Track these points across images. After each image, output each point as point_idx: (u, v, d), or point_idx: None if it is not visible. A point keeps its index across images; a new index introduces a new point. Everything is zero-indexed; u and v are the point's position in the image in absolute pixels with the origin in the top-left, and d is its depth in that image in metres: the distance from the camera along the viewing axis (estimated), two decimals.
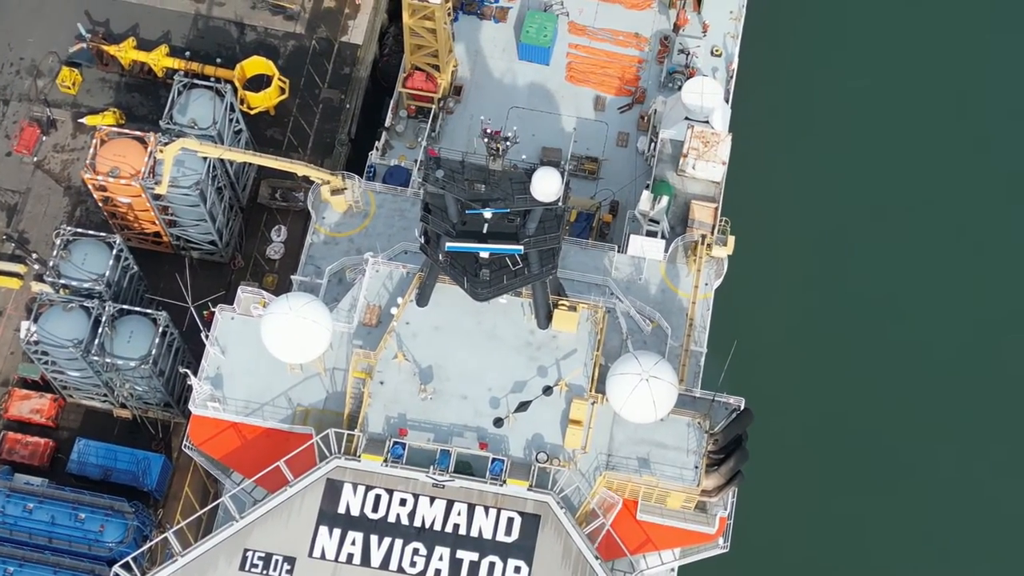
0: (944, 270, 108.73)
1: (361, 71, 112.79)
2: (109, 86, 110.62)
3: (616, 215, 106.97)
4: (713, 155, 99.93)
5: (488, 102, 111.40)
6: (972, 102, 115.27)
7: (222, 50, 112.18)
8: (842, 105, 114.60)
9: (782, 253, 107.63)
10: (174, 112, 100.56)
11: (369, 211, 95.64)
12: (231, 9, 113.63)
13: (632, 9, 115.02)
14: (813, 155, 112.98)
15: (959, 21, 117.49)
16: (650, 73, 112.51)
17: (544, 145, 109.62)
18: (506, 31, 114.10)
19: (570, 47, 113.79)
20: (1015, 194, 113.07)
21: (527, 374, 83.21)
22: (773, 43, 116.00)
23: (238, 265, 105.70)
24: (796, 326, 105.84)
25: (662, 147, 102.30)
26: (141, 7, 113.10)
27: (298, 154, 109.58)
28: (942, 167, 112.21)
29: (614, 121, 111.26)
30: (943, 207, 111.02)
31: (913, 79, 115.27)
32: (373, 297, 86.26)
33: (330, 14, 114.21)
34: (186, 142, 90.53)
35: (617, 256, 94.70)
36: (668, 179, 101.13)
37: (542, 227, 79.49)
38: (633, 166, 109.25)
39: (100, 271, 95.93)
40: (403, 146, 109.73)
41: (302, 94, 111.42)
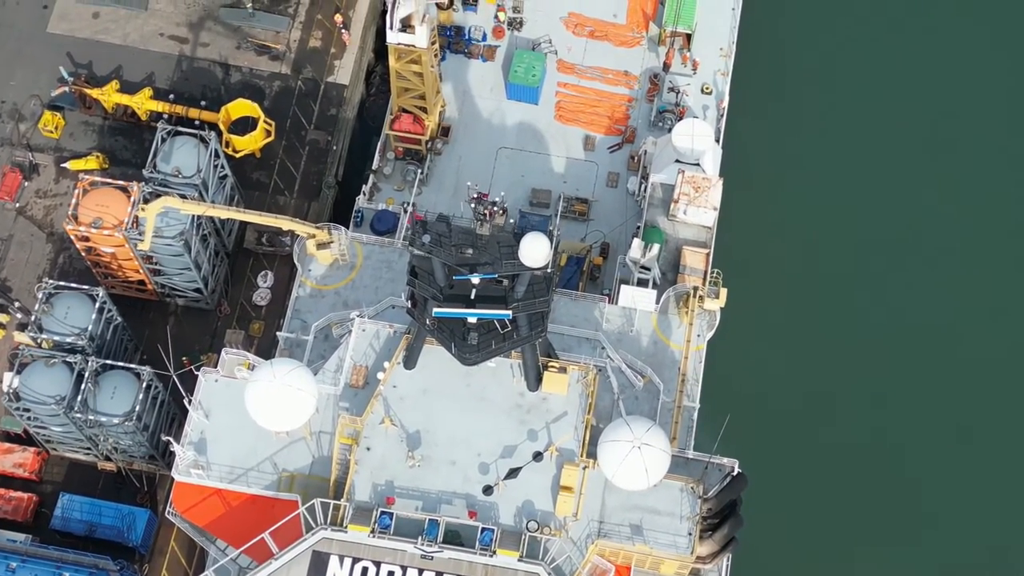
0: (944, 315, 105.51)
1: (348, 112, 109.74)
2: (92, 130, 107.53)
3: (607, 257, 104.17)
4: (704, 200, 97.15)
5: (477, 143, 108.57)
6: (965, 140, 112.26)
7: (207, 91, 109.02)
8: (834, 142, 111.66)
9: (776, 297, 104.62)
10: (157, 160, 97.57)
11: (356, 263, 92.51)
12: (215, 50, 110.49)
13: (621, 47, 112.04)
14: (806, 194, 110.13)
15: (950, 59, 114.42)
16: (640, 112, 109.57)
17: (534, 186, 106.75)
18: (494, 70, 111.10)
19: (559, 85, 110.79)
20: (1011, 230, 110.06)
21: (517, 438, 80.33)
22: (764, 80, 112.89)
23: (224, 312, 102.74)
24: (791, 375, 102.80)
25: (652, 191, 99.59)
26: (124, 49, 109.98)
27: (285, 197, 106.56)
28: (938, 206, 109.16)
29: (604, 161, 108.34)
30: (941, 249, 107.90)
31: (907, 116, 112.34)
32: (360, 358, 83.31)
33: (316, 54, 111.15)
34: (168, 200, 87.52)
35: (608, 307, 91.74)
36: (659, 224, 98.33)
37: (531, 290, 76.59)
38: (624, 207, 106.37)
39: (83, 325, 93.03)
40: (391, 188, 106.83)
41: (288, 136, 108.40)
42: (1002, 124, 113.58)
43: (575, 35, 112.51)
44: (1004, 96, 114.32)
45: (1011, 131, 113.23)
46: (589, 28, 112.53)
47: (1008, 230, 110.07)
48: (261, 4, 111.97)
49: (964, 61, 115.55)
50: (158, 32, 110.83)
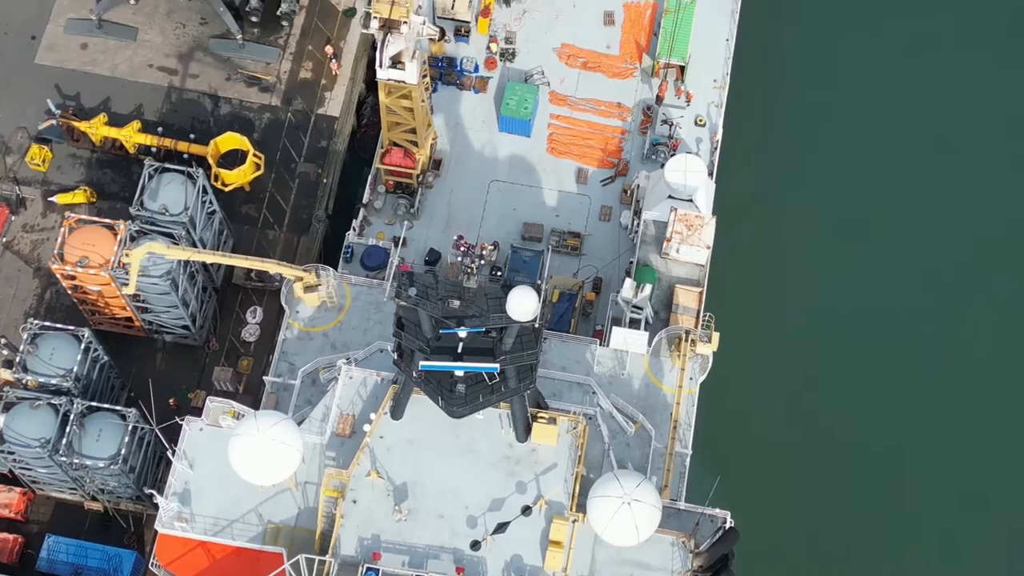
0: (947, 365, 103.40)
1: (338, 144, 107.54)
2: (80, 163, 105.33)
3: (599, 292, 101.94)
4: (697, 239, 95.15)
5: (468, 176, 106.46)
6: (963, 173, 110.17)
7: (196, 124, 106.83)
8: (830, 175, 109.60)
9: (771, 336, 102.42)
10: (144, 198, 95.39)
11: (344, 304, 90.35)
12: (205, 81, 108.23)
13: (614, 78, 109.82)
14: (801, 229, 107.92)
15: (946, 97, 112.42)
16: (633, 144, 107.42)
17: (525, 220, 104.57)
18: (486, 102, 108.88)
19: (551, 117, 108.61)
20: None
21: (505, 490, 78.29)
22: (758, 111, 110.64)
23: (212, 348, 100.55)
24: (785, 416, 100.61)
25: (645, 228, 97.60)
26: (113, 80, 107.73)
27: (274, 231, 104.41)
28: (938, 246, 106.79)
29: (596, 194, 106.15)
30: (942, 295, 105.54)
31: (904, 149, 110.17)
32: (346, 406, 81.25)
33: (306, 85, 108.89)
34: (153, 246, 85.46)
35: (600, 349, 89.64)
36: (651, 262, 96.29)
37: (519, 342, 74.55)
38: (617, 241, 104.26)
39: (68, 366, 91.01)
40: (382, 222, 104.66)
41: (278, 168, 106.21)
42: (1000, 137, 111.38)
43: (568, 66, 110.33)
44: (1002, 114, 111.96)
45: (1005, 146, 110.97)
46: (582, 59, 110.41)
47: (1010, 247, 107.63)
48: (251, 35, 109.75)
49: (963, 93, 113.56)
50: (147, 63, 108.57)
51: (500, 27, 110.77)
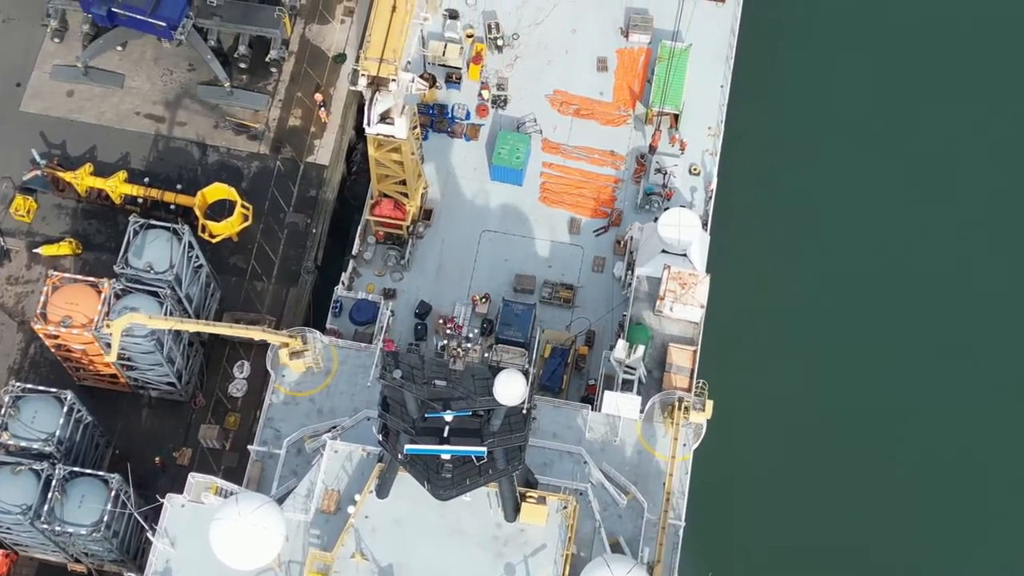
0: (950, 402, 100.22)
1: (328, 193, 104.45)
2: (65, 213, 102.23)
3: (592, 346, 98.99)
4: (691, 298, 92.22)
5: (460, 226, 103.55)
6: (959, 206, 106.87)
7: (183, 172, 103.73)
8: (827, 228, 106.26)
9: (766, 395, 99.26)
10: (129, 255, 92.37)
11: (332, 367, 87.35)
12: (192, 129, 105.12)
13: (607, 125, 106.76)
14: (798, 281, 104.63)
15: (938, 134, 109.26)
16: (627, 193, 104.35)
17: (517, 271, 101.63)
18: (478, 149, 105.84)
19: (544, 166, 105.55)
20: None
21: (494, 572, 75.55)
22: (753, 159, 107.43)
23: (199, 404, 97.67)
24: (781, 483, 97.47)
25: (638, 284, 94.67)
26: (99, 128, 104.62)
27: (262, 283, 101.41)
28: (944, 302, 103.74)
29: (590, 245, 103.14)
30: (949, 353, 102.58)
31: (909, 195, 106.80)
32: (332, 481, 78.30)
33: (295, 133, 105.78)
34: (135, 317, 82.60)
35: (591, 415, 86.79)
36: (644, 319, 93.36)
37: (507, 423, 71.65)
38: (610, 293, 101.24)
39: (50, 430, 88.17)
40: (371, 274, 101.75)
41: (266, 218, 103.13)
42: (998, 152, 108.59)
43: (560, 113, 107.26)
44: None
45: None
46: (575, 106, 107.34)
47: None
48: (240, 81, 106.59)
49: (971, 138, 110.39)
50: (134, 111, 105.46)
51: (492, 73, 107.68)
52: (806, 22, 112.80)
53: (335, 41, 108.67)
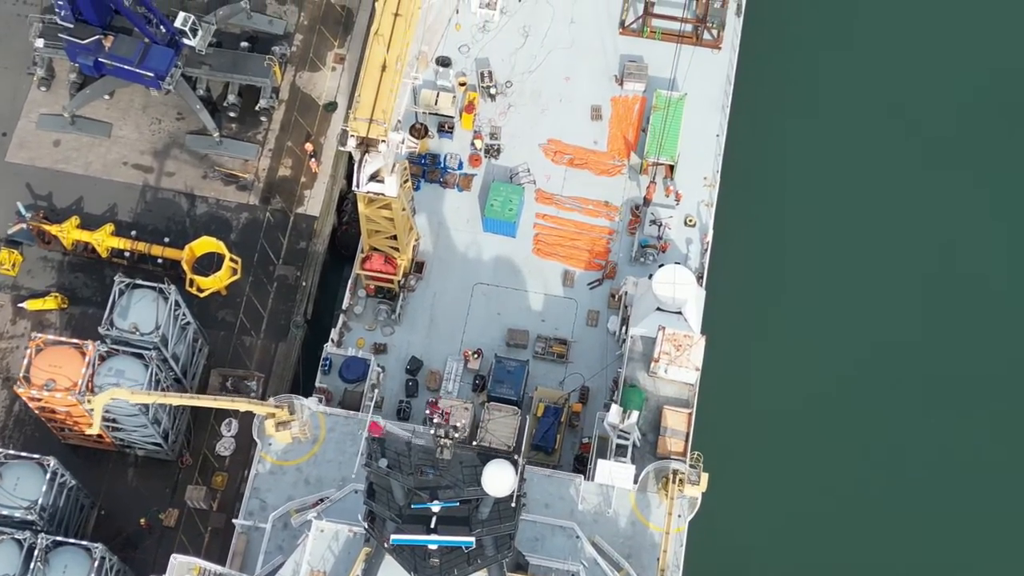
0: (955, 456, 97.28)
1: (318, 245, 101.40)
2: (51, 266, 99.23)
3: (586, 403, 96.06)
4: (686, 360, 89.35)
5: (452, 278, 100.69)
6: (973, 266, 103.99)
7: (171, 224, 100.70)
8: (824, 283, 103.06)
9: (763, 461, 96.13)
10: (114, 316, 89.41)
11: (319, 435, 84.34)
12: (181, 180, 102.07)
13: (602, 175, 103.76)
14: (794, 335, 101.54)
15: (941, 183, 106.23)
16: (621, 245, 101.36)
17: (510, 326, 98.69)
18: (471, 200, 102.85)
19: (537, 217, 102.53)
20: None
21: None
22: (749, 210, 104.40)
23: (186, 463, 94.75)
24: (778, 552, 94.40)
25: (632, 344, 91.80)
26: (86, 179, 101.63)
27: (251, 337, 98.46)
28: (946, 365, 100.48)
29: (583, 298, 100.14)
30: (949, 430, 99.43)
31: (909, 252, 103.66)
32: (317, 562, 75.45)
33: (285, 183, 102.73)
34: (117, 392, 79.78)
35: (584, 484, 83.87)
36: (639, 380, 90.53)
37: (496, 511, 68.78)
38: (604, 348, 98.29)
39: (33, 497, 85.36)
40: (362, 328, 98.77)
41: (255, 271, 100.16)
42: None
43: (554, 163, 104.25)
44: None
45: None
46: (568, 156, 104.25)
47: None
48: (229, 130, 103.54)
49: (962, 182, 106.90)
50: (121, 161, 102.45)
51: (485, 122, 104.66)
52: (803, 68, 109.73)
53: (326, 88, 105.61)
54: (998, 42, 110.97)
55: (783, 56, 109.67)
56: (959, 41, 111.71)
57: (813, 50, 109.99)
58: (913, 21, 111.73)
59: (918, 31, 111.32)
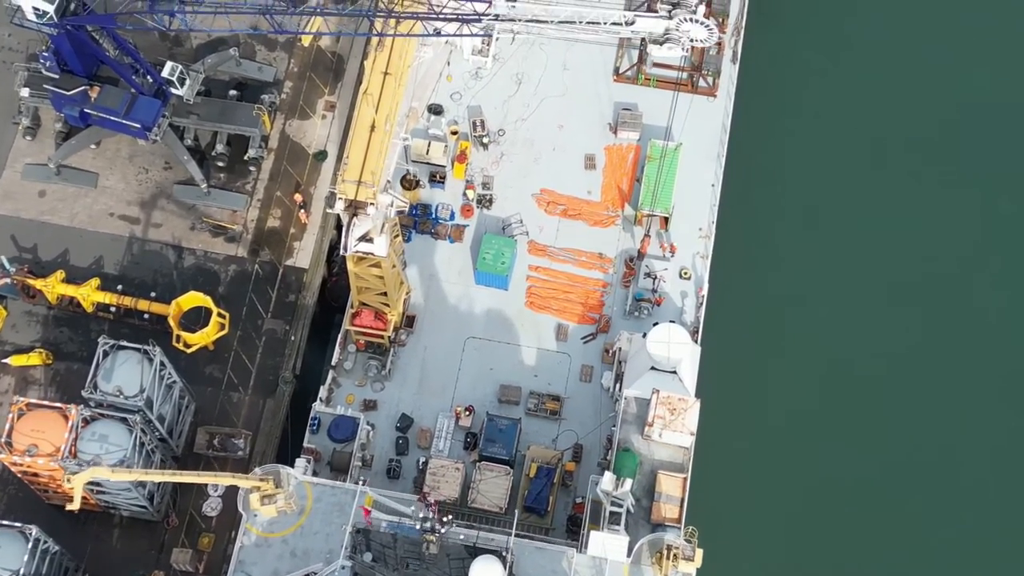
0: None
1: (307, 298, 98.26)
2: (36, 320, 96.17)
3: (580, 461, 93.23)
4: (681, 424, 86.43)
5: (443, 333, 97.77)
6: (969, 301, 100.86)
7: (158, 277, 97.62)
8: (822, 338, 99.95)
9: (762, 535, 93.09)
10: (98, 379, 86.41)
11: (305, 506, 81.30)
12: (168, 231, 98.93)
13: (596, 227, 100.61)
14: (791, 392, 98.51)
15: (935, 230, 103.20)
16: (615, 298, 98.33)
17: (502, 382, 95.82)
18: (462, 251, 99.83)
19: (530, 269, 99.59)
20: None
21: None
22: (745, 263, 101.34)
23: (172, 524, 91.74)
24: None
25: (626, 406, 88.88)
26: (72, 230, 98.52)
27: (239, 394, 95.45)
28: (947, 425, 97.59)
29: (577, 352, 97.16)
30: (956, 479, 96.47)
31: (908, 304, 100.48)
32: None
33: (274, 235, 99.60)
34: (98, 471, 76.99)
35: (577, 556, 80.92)
36: (632, 443, 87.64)
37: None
38: (598, 404, 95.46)
39: (14, 567, 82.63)
40: (352, 384, 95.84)
41: (243, 325, 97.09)
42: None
43: (547, 213, 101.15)
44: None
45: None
46: (562, 206, 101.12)
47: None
48: (217, 180, 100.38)
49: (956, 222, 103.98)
50: (108, 212, 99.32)
51: (477, 171, 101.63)
52: (799, 115, 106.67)
53: (316, 137, 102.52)
54: (994, 77, 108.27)
55: (779, 103, 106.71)
56: (954, 82, 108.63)
57: (809, 97, 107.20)
58: (909, 65, 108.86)
59: (914, 75, 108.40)
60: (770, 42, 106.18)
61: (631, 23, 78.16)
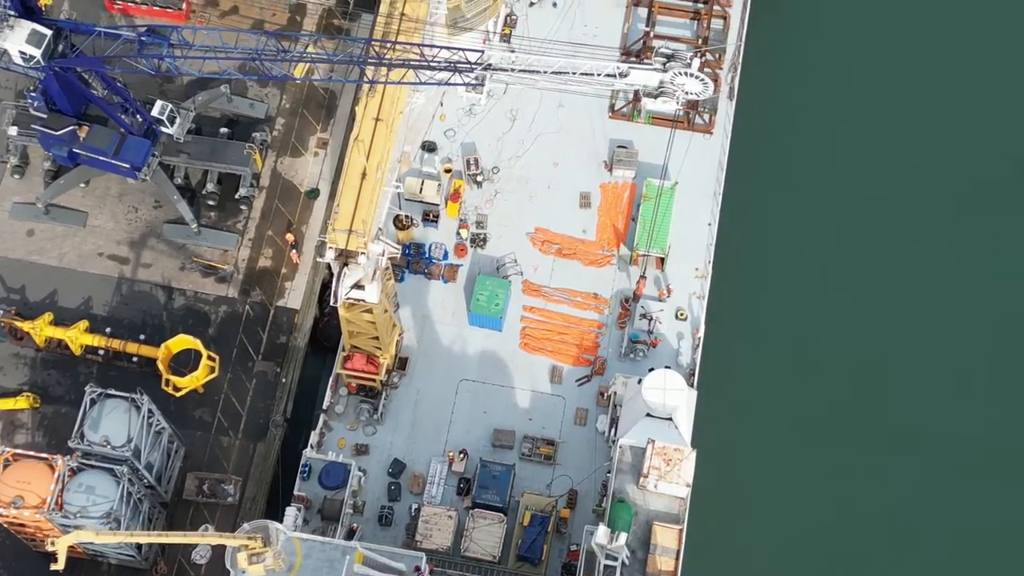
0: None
1: (299, 340, 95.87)
2: (23, 363, 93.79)
3: (575, 507, 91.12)
4: (676, 475, 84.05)
5: (436, 375, 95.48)
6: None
7: (148, 318, 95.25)
8: (819, 379, 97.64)
9: None
10: (85, 428, 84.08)
11: (295, 563, 78.80)
12: (158, 271, 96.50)
13: (591, 266, 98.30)
14: (789, 437, 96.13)
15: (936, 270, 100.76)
16: (610, 340, 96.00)
17: (496, 426, 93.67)
18: (456, 292, 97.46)
19: (524, 309, 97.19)
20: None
21: None
22: (741, 304, 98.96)
23: (160, 572, 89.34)
24: None
25: (621, 455, 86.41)
26: (60, 271, 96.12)
27: (228, 438, 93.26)
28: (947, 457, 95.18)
29: (572, 395, 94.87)
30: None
31: (898, 348, 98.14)
32: None
33: (265, 275, 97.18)
34: (82, 534, 74.38)
35: None
36: (628, 493, 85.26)
37: None
38: (593, 449, 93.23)
39: None
40: (343, 427, 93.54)
41: (234, 368, 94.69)
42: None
43: (542, 252, 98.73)
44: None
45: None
46: (557, 245, 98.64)
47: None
48: (208, 219, 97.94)
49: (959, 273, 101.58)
50: (97, 251, 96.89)
51: (471, 210, 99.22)
52: (797, 152, 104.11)
53: (308, 174, 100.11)
54: (998, 109, 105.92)
55: (776, 140, 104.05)
56: (953, 125, 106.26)
57: (807, 134, 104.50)
58: (909, 101, 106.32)
59: (914, 113, 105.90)
60: (767, 79, 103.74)
61: (625, 75, 75.67)
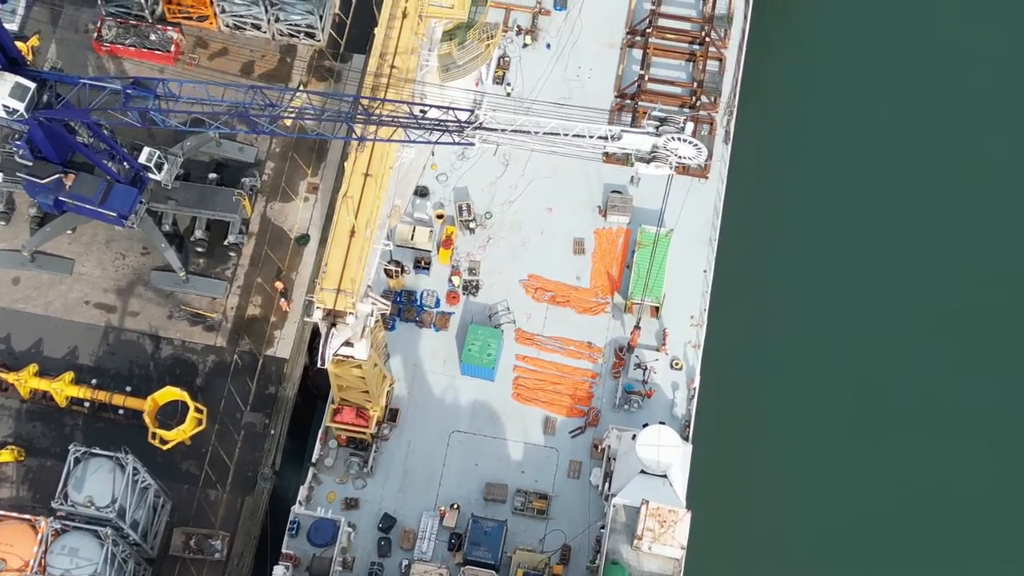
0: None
1: (288, 390, 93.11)
2: (8, 415, 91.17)
3: (568, 563, 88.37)
4: (670, 537, 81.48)
5: (427, 426, 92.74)
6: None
7: (134, 368, 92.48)
8: (817, 429, 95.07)
9: None
10: (69, 488, 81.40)
11: None
12: (145, 320, 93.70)
13: (585, 314, 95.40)
14: (785, 493, 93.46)
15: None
16: (604, 390, 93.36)
17: (488, 479, 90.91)
18: (448, 340, 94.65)
19: (517, 358, 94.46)
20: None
21: None
22: (737, 353, 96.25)
23: None
24: None
25: (615, 514, 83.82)
26: (46, 319, 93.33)
27: (216, 491, 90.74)
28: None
29: (565, 447, 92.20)
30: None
31: (895, 387, 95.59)
32: None
33: (254, 324, 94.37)
34: None
35: None
36: (621, 554, 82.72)
37: None
38: (587, 503, 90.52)
39: None
40: (333, 480, 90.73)
41: (222, 419, 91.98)
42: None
43: (535, 300, 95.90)
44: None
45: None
46: (550, 293, 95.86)
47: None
48: (197, 266, 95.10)
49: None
50: (83, 299, 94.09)
51: (463, 256, 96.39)
52: (792, 196, 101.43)
53: (298, 220, 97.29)
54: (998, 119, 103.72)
55: (772, 184, 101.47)
56: (953, 157, 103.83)
57: (802, 178, 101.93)
58: (908, 137, 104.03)
59: (914, 151, 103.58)
60: (763, 121, 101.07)
61: (618, 138, 72.94)
